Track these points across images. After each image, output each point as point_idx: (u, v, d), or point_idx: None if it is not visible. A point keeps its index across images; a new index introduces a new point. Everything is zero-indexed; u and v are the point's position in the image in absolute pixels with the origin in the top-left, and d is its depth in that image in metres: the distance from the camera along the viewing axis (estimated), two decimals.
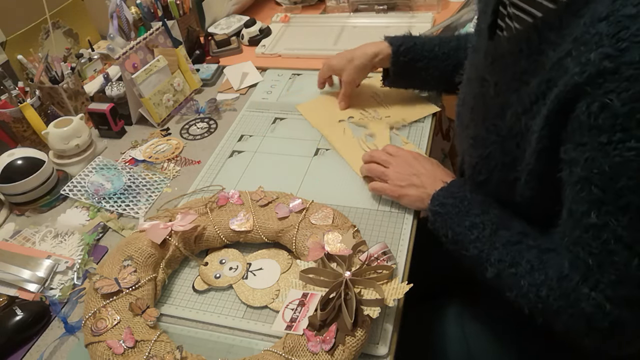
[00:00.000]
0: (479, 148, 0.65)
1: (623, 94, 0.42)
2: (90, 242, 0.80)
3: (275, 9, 1.50)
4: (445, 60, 0.91)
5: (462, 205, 0.66)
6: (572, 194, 0.50)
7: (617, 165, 0.44)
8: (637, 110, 0.42)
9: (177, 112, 1.11)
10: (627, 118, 0.42)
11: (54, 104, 1.07)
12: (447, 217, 0.67)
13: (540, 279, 0.55)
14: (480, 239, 0.63)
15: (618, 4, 0.43)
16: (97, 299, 0.65)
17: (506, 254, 0.60)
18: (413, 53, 0.91)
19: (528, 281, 0.56)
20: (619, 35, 0.42)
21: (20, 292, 0.74)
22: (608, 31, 0.43)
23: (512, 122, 0.57)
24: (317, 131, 0.98)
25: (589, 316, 0.51)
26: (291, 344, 0.58)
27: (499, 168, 0.62)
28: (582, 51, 0.45)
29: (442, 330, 0.79)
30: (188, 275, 0.74)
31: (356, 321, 0.58)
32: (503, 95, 0.59)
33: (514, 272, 0.58)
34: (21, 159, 0.87)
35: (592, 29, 0.45)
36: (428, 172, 0.76)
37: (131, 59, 1.01)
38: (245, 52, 1.30)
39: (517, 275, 0.58)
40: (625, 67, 0.42)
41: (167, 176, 0.93)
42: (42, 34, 1.18)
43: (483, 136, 0.63)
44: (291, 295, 0.64)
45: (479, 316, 0.78)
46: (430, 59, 0.91)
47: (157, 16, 1.21)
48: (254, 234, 0.74)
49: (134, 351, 0.59)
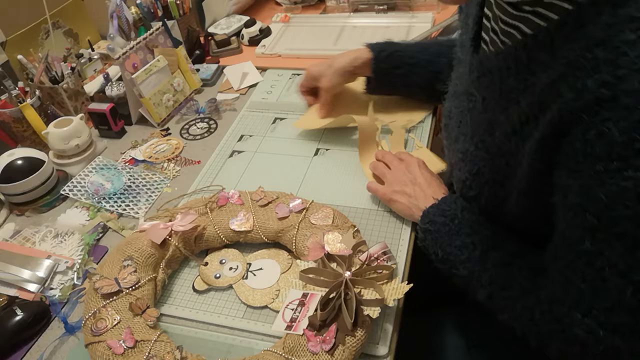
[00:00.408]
0: (468, 163, 0.63)
1: (621, 122, 0.40)
2: (90, 242, 0.80)
3: (275, 9, 1.50)
4: (426, 66, 0.90)
5: (452, 224, 0.65)
6: (566, 220, 0.49)
7: (613, 194, 0.43)
8: (635, 139, 0.40)
9: (177, 112, 1.11)
10: (625, 147, 0.41)
11: (54, 104, 1.07)
12: (437, 236, 0.66)
13: (532, 301, 0.54)
14: (470, 260, 0.62)
15: (616, 29, 0.42)
16: (97, 299, 0.65)
17: (497, 275, 0.59)
18: (394, 59, 0.90)
19: (520, 304, 0.55)
20: (617, 62, 0.41)
21: (20, 292, 0.74)
22: (605, 57, 0.41)
23: (501, 141, 0.56)
24: (317, 131, 0.98)
25: (583, 341, 0.49)
26: (291, 344, 0.58)
27: (489, 185, 0.61)
28: (578, 76, 0.44)
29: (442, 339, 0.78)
30: (188, 275, 0.74)
31: (356, 321, 0.58)
32: (491, 111, 0.57)
33: (506, 295, 0.57)
34: (21, 159, 0.87)
35: (588, 53, 0.43)
36: (424, 183, 0.74)
37: (131, 59, 1.01)
38: (245, 52, 1.30)
39: (509, 298, 0.57)
40: (624, 96, 0.40)
41: (167, 176, 0.93)
42: (42, 34, 1.18)
43: (472, 152, 0.62)
44: (291, 295, 0.64)
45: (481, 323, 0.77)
46: (411, 65, 0.90)
47: (157, 16, 1.22)
48: (254, 234, 0.74)
49: (134, 351, 0.59)
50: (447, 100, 0.74)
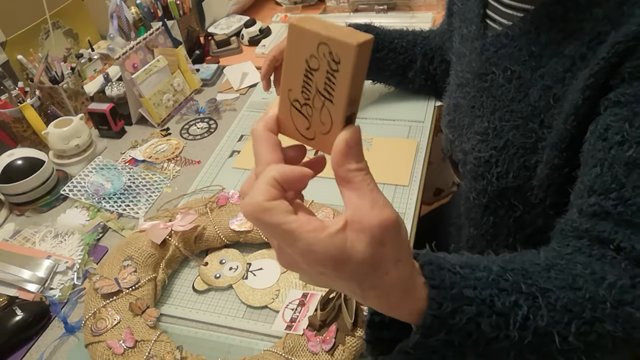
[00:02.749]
0: (492, 140, 0.64)
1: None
2: (90, 242, 0.80)
3: (275, 9, 1.50)
4: (403, 53, 0.93)
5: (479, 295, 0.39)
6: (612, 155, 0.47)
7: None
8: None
9: (177, 112, 1.11)
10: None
11: (54, 104, 1.07)
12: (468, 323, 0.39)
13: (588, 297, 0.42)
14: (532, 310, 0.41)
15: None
16: (97, 299, 0.65)
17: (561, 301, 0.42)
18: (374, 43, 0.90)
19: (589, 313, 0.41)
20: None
21: (20, 292, 0.74)
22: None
23: (535, 100, 0.58)
24: None
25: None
26: (291, 344, 0.58)
27: (519, 154, 0.61)
28: None
29: None
30: (188, 275, 0.74)
31: (356, 321, 0.58)
32: (518, 78, 0.60)
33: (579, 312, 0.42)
34: (21, 159, 0.87)
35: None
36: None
37: (131, 59, 1.01)
38: (245, 52, 1.30)
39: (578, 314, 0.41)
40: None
41: (167, 176, 0.93)
42: (42, 34, 1.18)
43: (496, 127, 0.63)
44: (291, 295, 0.64)
45: None
46: (389, 50, 0.92)
47: (157, 16, 1.22)
48: (254, 234, 0.74)
49: (134, 351, 0.59)
50: (447, 96, 0.76)
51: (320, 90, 0.31)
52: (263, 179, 0.31)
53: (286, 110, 0.34)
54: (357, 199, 0.32)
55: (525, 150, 0.60)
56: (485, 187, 0.65)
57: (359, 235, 0.31)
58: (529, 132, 0.60)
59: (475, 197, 0.67)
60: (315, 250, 0.31)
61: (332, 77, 0.30)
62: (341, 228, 0.31)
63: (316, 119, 0.33)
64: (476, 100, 0.67)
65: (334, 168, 0.33)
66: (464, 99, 0.69)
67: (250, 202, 0.31)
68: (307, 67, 0.31)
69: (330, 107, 0.32)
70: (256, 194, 0.31)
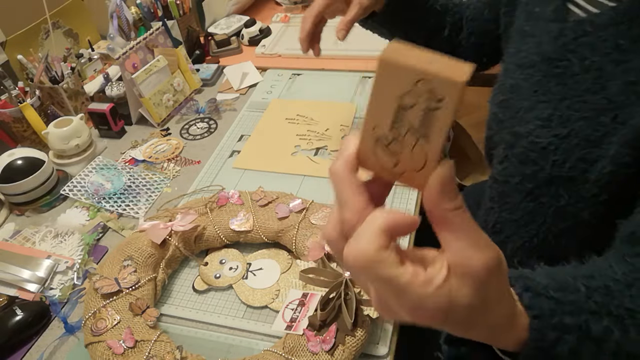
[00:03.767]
0: (555, 128, 0.62)
1: None
2: (90, 242, 0.80)
3: (275, 9, 1.50)
4: (434, 16, 0.87)
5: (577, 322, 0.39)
6: None
7: None
8: None
9: (177, 112, 1.11)
10: None
11: (54, 104, 1.07)
12: None
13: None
14: None
15: None
16: (97, 299, 0.65)
17: None
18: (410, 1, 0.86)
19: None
20: None
21: (20, 292, 0.74)
22: None
23: (615, 93, 0.56)
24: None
25: None
26: (291, 344, 0.58)
27: (581, 146, 0.59)
28: None
29: None
30: (188, 275, 0.74)
31: (356, 321, 0.58)
32: (597, 69, 0.58)
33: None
34: (21, 159, 0.88)
35: None
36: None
37: (131, 59, 1.01)
38: (245, 52, 1.30)
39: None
40: None
41: (167, 176, 0.93)
42: (42, 34, 1.18)
43: (562, 115, 0.61)
44: (291, 295, 0.64)
45: None
46: (421, 11, 0.87)
47: (157, 16, 1.22)
48: (254, 234, 0.74)
49: (134, 351, 0.59)
50: (505, 75, 0.72)
51: (414, 128, 0.29)
52: (371, 225, 0.29)
53: (369, 146, 0.31)
54: (457, 242, 0.30)
55: (589, 143, 0.59)
56: (535, 172, 0.63)
57: (463, 280, 0.30)
58: (598, 125, 0.58)
59: (519, 182, 0.65)
60: (424, 306, 0.30)
61: (431, 115, 0.28)
62: (446, 277, 0.30)
63: (406, 156, 0.30)
64: (542, 84, 0.64)
65: (430, 208, 0.30)
66: (526, 81, 0.67)
67: (358, 252, 0.29)
68: (400, 104, 0.29)
69: (425, 144, 0.29)
70: (364, 242, 0.29)
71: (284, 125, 1.01)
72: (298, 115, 1.03)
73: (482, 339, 0.36)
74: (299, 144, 0.96)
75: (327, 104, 1.05)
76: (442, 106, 0.27)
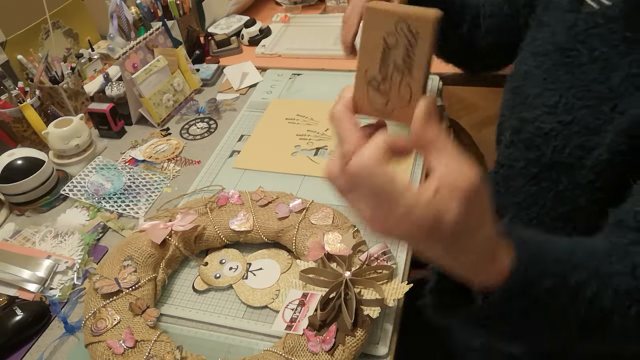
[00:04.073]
0: (559, 114, 0.63)
1: None
2: (90, 242, 0.80)
3: (275, 9, 1.50)
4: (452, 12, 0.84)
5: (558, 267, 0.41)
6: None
7: None
8: None
9: (177, 112, 1.11)
10: None
11: (54, 104, 1.07)
12: None
13: None
14: None
15: None
16: (97, 299, 0.65)
17: None
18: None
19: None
20: None
21: (20, 292, 0.74)
22: None
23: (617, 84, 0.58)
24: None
25: None
26: (291, 344, 0.58)
27: (581, 133, 0.61)
28: None
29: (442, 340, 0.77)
30: (188, 275, 0.74)
31: (356, 321, 0.58)
32: (604, 60, 0.60)
33: None
34: (21, 159, 0.87)
35: None
36: None
37: (131, 59, 1.02)
38: (245, 52, 1.30)
39: None
40: None
41: (167, 176, 0.93)
42: (42, 34, 1.18)
43: (568, 102, 0.63)
44: (291, 295, 0.64)
45: None
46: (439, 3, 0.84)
47: (157, 16, 1.22)
48: (254, 234, 0.74)
49: (134, 351, 0.59)
50: (520, 62, 0.73)
51: (399, 66, 0.35)
52: (373, 142, 0.33)
53: (363, 90, 0.37)
54: (445, 160, 0.33)
55: (589, 131, 0.60)
56: (538, 157, 0.65)
57: (451, 194, 0.32)
58: (598, 114, 0.59)
59: (523, 167, 0.67)
60: (413, 213, 0.32)
61: (411, 51, 0.34)
62: (435, 191, 0.32)
63: (395, 94, 0.36)
64: (551, 72, 0.66)
65: (418, 134, 0.34)
66: (538, 69, 0.68)
67: (361, 161, 0.33)
68: (385, 46, 0.34)
69: (409, 80, 0.35)
70: (367, 154, 0.33)
71: (284, 125, 1.01)
72: (298, 115, 1.03)
73: (464, 270, 0.37)
74: (299, 144, 0.96)
75: (327, 104, 1.05)
76: (418, 41, 0.33)
